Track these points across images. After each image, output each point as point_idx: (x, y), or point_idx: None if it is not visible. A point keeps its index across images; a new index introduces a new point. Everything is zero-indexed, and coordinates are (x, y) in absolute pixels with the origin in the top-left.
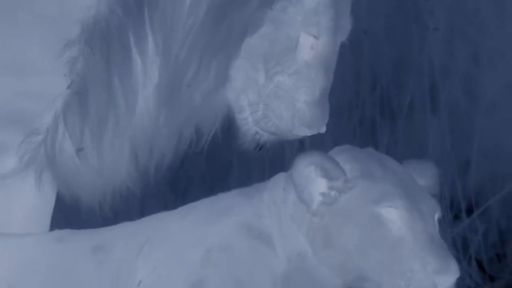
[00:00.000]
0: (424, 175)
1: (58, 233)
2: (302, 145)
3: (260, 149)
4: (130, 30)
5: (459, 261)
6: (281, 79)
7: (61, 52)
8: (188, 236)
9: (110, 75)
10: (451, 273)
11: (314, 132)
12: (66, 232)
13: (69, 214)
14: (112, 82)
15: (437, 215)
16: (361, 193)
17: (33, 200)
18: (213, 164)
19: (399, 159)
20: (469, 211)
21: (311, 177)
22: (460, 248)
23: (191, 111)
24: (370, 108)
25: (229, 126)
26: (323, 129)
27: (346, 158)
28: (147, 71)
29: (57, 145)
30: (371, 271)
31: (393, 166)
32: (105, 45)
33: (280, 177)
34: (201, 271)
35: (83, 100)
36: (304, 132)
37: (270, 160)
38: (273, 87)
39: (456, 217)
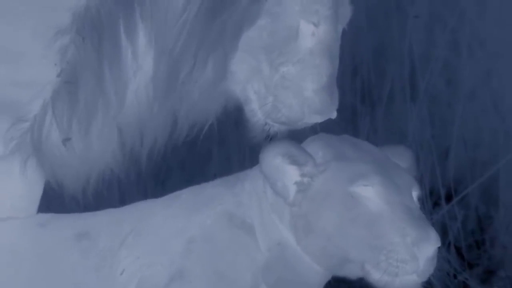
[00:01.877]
0: (401, 159)
1: (41, 217)
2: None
3: (270, 139)
4: (120, 19)
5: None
6: (286, 69)
7: (52, 40)
8: (170, 226)
9: (101, 64)
10: (431, 242)
11: (325, 118)
12: (49, 216)
13: (52, 200)
14: (102, 71)
15: (415, 192)
16: (334, 175)
17: (20, 187)
18: (192, 152)
19: (379, 146)
20: (448, 198)
21: (281, 167)
22: (439, 235)
23: (188, 106)
24: (351, 95)
25: (226, 118)
26: (334, 115)
27: (318, 145)
28: (138, 61)
29: (44, 133)
30: (353, 251)
31: (367, 148)
32: (95, 34)
33: None
34: (182, 262)
35: (72, 89)
36: (315, 119)
37: (250, 148)
38: (279, 78)
39: (436, 204)
